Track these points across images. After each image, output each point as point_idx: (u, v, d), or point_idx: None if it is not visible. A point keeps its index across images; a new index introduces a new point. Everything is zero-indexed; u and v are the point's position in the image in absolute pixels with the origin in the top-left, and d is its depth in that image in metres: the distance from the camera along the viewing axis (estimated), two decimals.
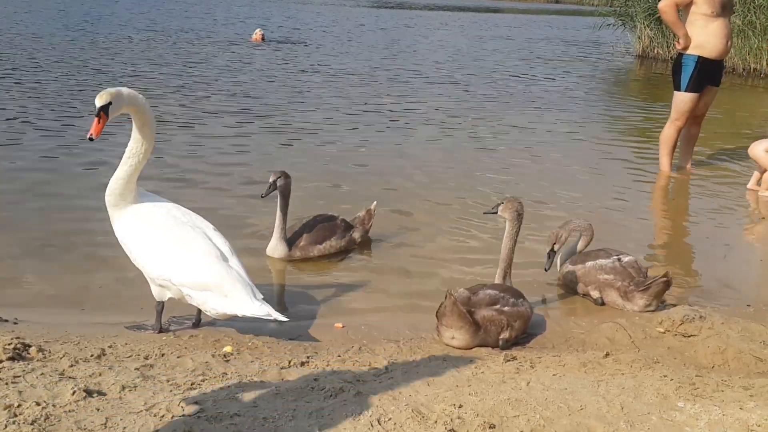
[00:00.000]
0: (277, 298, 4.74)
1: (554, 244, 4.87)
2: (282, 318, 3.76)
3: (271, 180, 5.11)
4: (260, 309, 3.74)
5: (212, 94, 11.52)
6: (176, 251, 3.78)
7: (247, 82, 12.93)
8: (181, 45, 17.68)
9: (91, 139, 3.48)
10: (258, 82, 12.98)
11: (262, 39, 19.44)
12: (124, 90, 3.64)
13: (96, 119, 3.50)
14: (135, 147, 3.78)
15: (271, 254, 5.21)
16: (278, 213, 5.14)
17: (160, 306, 3.97)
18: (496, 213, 4.56)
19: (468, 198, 6.91)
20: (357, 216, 5.70)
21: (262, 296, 3.82)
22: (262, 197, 5.17)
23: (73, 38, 17.49)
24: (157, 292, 3.93)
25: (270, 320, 3.76)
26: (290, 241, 5.23)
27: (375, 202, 5.75)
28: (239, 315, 3.79)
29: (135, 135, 3.77)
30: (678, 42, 7.94)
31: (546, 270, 4.88)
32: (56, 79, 11.86)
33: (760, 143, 7.72)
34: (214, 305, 3.79)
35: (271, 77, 13.68)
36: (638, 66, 20.94)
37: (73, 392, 3.01)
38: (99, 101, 3.51)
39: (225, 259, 3.86)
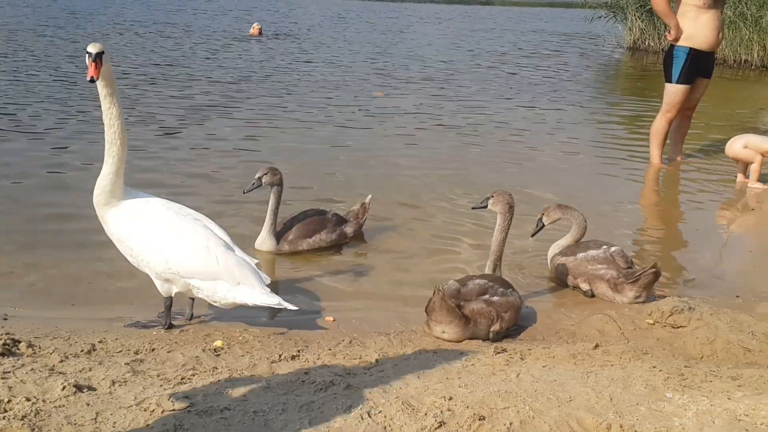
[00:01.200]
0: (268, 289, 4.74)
1: (543, 215, 5.07)
2: (291, 307, 3.81)
3: (256, 176, 5.12)
4: (271, 298, 3.79)
5: (205, 87, 11.48)
6: (181, 243, 3.77)
7: (244, 75, 12.91)
8: (179, 39, 17.60)
9: (92, 80, 3.50)
10: (254, 76, 12.96)
11: (260, 33, 19.42)
12: None
13: (93, 63, 3.50)
14: (111, 133, 3.71)
15: (259, 247, 5.21)
16: (269, 207, 5.14)
17: (169, 301, 3.96)
18: (486, 207, 4.55)
19: (459, 191, 6.92)
20: (351, 210, 5.70)
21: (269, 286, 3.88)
22: (244, 193, 5.20)
23: (63, 32, 17.39)
24: (162, 288, 3.91)
25: (281, 310, 3.81)
26: (279, 235, 5.23)
27: (369, 196, 5.74)
28: (249, 304, 3.81)
29: (107, 120, 3.70)
30: (669, 33, 7.94)
31: (531, 237, 5.16)
32: (44, 73, 11.80)
33: (736, 140, 7.73)
34: (224, 294, 3.81)
35: (267, 71, 13.66)
36: (629, 58, 20.96)
37: (63, 387, 3.01)
38: (94, 48, 3.52)
39: (230, 249, 3.88)
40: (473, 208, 4.83)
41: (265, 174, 5.10)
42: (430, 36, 23.36)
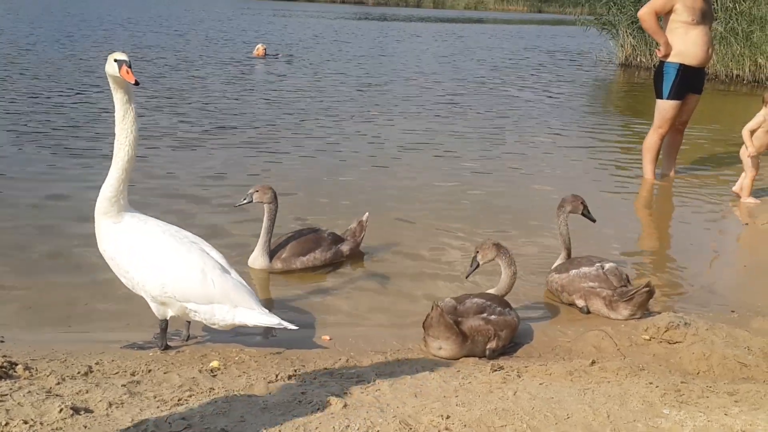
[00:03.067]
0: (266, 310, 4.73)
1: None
2: (291, 326, 3.80)
3: (248, 192, 5.20)
4: (271, 318, 3.79)
5: (207, 109, 11.51)
6: (177, 267, 3.76)
7: (248, 96, 12.97)
8: (178, 63, 17.63)
9: (137, 83, 3.61)
10: (255, 96, 13.01)
11: (264, 54, 19.41)
12: None
13: (127, 70, 3.61)
14: (122, 139, 3.73)
15: (252, 265, 5.24)
16: (264, 225, 5.18)
17: (165, 324, 3.94)
18: (479, 266, 4.55)
19: (454, 210, 6.94)
20: (348, 228, 5.70)
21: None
22: (235, 206, 5.37)
23: (62, 53, 17.43)
24: (158, 311, 3.89)
25: (281, 329, 3.81)
26: (273, 253, 5.25)
27: (366, 214, 5.74)
28: (249, 325, 3.82)
29: (121, 127, 3.72)
30: (659, 50, 8.02)
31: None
32: (42, 100, 11.82)
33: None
34: (222, 317, 3.80)
35: (271, 92, 13.67)
36: (621, 74, 21.11)
37: (60, 410, 3.00)
38: (121, 56, 3.63)
39: (226, 272, 3.88)
40: (467, 277, 4.71)
41: (256, 191, 5.16)
42: (423, 55, 23.51)
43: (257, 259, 5.23)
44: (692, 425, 3.03)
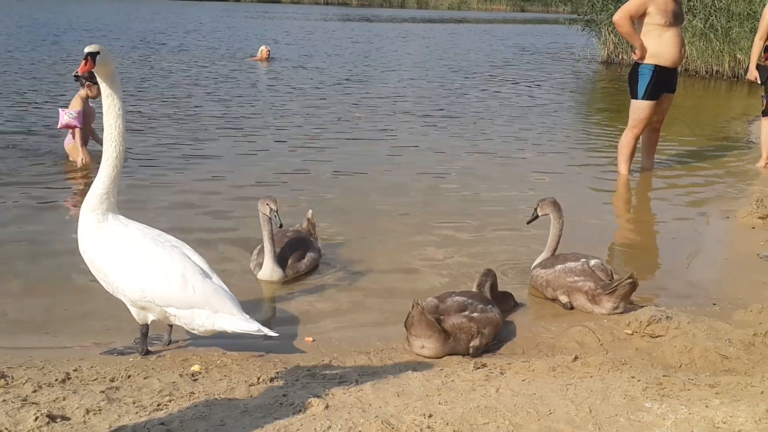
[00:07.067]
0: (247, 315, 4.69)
1: (537, 206, 5.24)
2: (271, 333, 3.76)
3: (272, 208, 4.88)
4: (251, 325, 3.74)
5: (203, 111, 11.47)
6: (157, 271, 3.72)
7: (245, 99, 12.96)
8: (186, 62, 17.56)
9: (76, 77, 3.61)
10: (253, 100, 13.01)
11: (269, 57, 19.17)
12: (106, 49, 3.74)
13: (84, 61, 3.58)
14: (108, 134, 3.70)
15: (270, 278, 5.03)
16: (267, 237, 4.97)
17: (145, 329, 3.90)
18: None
19: (434, 208, 6.93)
20: (302, 228, 5.53)
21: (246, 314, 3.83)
22: (280, 227, 4.94)
23: (63, 51, 17.32)
24: (138, 316, 3.84)
25: (260, 335, 3.77)
26: (280, 263, 5.08)
27: (310, 211, 5.59)
28: (229, 331, 3.77)
29: (108, 119, 3.70)
30: (635, 52, 8.09)
31: (527, 223, 5.42)
32: (36, 101, 11.72)
33: None
34: (202, 322, 3.76)
35: (271, 95, 13.64)
36: (604, 71, 21.23)
37: (36, 418, 2.95)
38: (89, 48, 3.60)
39: (207, 276, 3.84)
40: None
41: (272, 208, 4.87)
42: (408, 56, 23.54)
43: (273, 271, 5.01)
44: (674, 418, 3.03)
